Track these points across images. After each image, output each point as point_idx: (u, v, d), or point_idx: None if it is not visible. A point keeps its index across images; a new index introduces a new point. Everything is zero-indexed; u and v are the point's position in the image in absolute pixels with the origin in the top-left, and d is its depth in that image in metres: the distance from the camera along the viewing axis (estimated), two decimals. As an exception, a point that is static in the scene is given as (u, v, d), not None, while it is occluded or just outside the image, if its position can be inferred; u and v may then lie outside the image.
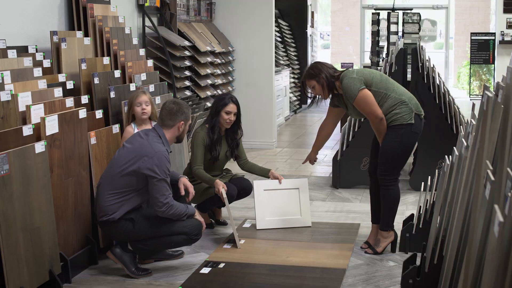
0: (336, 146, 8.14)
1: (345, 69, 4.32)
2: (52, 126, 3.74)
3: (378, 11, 12.79)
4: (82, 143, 4.08)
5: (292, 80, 11.73)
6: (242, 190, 4.83)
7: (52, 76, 4.52)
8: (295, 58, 12.24)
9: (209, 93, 7.54)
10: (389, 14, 11.95)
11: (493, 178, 1.85)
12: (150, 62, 5.61)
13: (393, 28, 11.76)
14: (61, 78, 4.53)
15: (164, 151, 3.84)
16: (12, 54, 4.20)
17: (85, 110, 4.11)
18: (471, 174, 2.54)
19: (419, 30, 11.85)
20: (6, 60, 4.11)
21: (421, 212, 4.38)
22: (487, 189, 1.87)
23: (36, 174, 3.51)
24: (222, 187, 4.47)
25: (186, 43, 7.13)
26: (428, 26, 17.39)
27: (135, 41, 5.63)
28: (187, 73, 7.15)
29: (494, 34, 14.23)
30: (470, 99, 14.22)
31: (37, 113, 3.76)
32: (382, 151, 4.21)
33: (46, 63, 4.62)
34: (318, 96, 4.33)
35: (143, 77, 5.28)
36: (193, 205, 4.71)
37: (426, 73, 5.95)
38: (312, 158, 4.66)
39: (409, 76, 6.63)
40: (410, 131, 4.16)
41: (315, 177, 6.74)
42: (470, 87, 14.80)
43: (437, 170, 5.00)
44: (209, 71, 7.58)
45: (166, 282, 3.89)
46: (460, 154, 3.10)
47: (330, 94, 4.29)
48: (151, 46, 6.70)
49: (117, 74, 4.95)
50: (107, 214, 3.83)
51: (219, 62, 7.97)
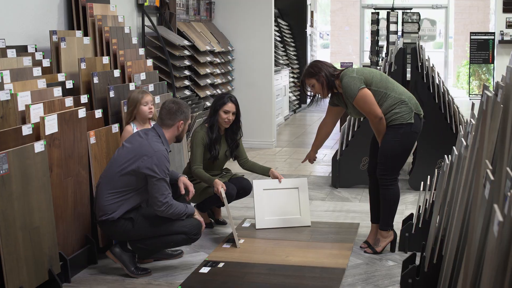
0: (335, 146, 8.14)
1: (344, 68, 4.32)
2: (51, 125, 3.74)
3: (377, 11, 12.80)
4: (82, 143, 4.08)
5: (291, 79, 11.73)
6: (241, 189, 4.82)
7: (51, 75, 4.52)
8: (295, 57, 12.24)
9: (208, 92, 7.54)
10: (388, 14, 11.96)
11: (492, 178, 1.85)
12: (149, 62, 5.61)
13: (392, 27, 11.77)
14: (60, 77, 4.53)
15: (163, 151, 3.84)
16: (11, 53, 4.20)
17: (84, 109, 4.11)
18: (471, 173, 2.54)
19: (419, 29, 11.86)
20: (5, 59, 4.10)
21: (420, 211, 4.38)
22: (487, 188, 1.87)
23: (35, 174, 3.50)
24: (221, 187, 4.47)
25: (186, 43, 7.12)
26: (427, 26, 17.40)
27: (135, 40, 5.63)
28: (187, 72, 7.15)
29: (494, 33, 14.23)
30: (470, 99, 14.22)
31: (36, 112, 3.76)
32: (381, 151, 4.21)
33: (46, 63, 4.62)
34: (317, 95, 4.33)
35: (143, 76, 5.28)
36: (192, 204, 4.72)
37: (425, 72, 5.95)
38: (311, 157, 4.66)
39: (408, 75, 6.63)
40: (410, 131, 4.15)
41: (315, 176, 6.74)
42: (469, 87, 14.81)
43: (436, 170, 5.00)
44: (208, 71, 7.58)
45: (165, 282, 3.89)
46: (459, 154, 3.10)
47: (330, 93, 4.29)
48: (151, 45, 6.70)
49: (116, 73, 4.95)
50: (107, 213, 3.83)
51: (219, 61, 7.97)
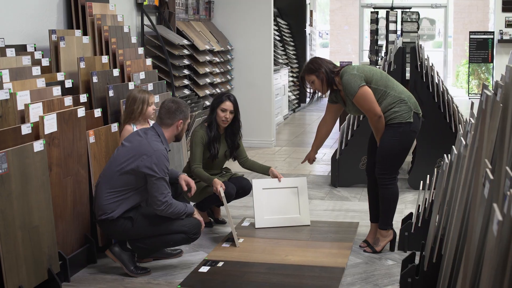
0: (335, 145, 8.14)
1: (345, 65, 4.31)
2: (50, 124, 3.74)
3: (377, 10, 12.81)
4: (81, 142, 4.08)
5: (290, 79, 11.72)
6: (241, 189, 4.82)
7: (50, 74, 4.52)
8: (294, 57, 12.23)
9: (207, 92, 7.54)
10: (388, 13, 11.97)
11: (492, 177, 1.85)
12: (148, 61, 5.60)
13: (392, 27, 11.78)
14: (59, 76, 4.53)
15: (162, 150, 3.84)
16: (10, 52, 4.20)
17: (83, 108, 4.11)
18: (470, 172, 2.54)
19: (418, 29, 11.87)
20: (4, 58, 4.10)
21: (420, 210, 4.37)
22: (486, 187, 1.87)
23: (34, 173, 3.50)
24: (220, 186, 4.47)
25: (185, 42, 7.12)
26: (427, 25, 17.40)
27: (134, 39, 5.63)
28: (186, 71, 7.15)
29: (493, 33, 14.23)
30: (469, 98, 14.23)
31: (35, 111, 3.76)
32: (380, 150, 4.20)
33: (45, 62, 4.62)
34: (317, 91, 4.31)
35: (142, 75, 5.28)
36: (192, 204, 4.72)
37: (425, 72, 5.94)
38: (311, 157, 4.63)
39: (408, 74, 6.63)
40: (409, 130, 4.15)
41: (314, 175, 6.74)
42: (468, 86, 14.81)
43: (436, 169, 5.00)
44: (207, 70, 7.57)
45: (165, 281, 3.89)
46: (459, 153, 3.10)
47: (329, 90, 4.28)
48: (150, 44, 6.70)
49: (115, 73, 4.95)
50: (106, 212, 3.83)
51: (218, 61, 7.97)
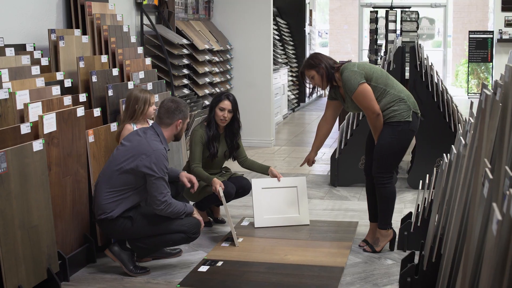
0: (334, 144, 8.14)
1: (346, 61, 4.29)
2: (50, 124, 3.74)
3: (376, 9, 12.81)
4: (80, 141, 4.08)
5: (290, 78, 11.72)
6: (241, 188, 4.82)
7: (50, 74, 4.52)
8: (293, 56, 12.23)
9: (207, 91, 7.54)
10: (387, 12, 11.97)
11: (491, 176, 1.85)
12: (148, 60, 5.60)
13: (391, 26, 11.78)
14: (59, 76, 4.53)
15: (162, 149, 3.84)
16: (10, 52, 4.19)
17: (83, 108, 4.11)
18: (469, 172, 2.54)
19: (417, 28, 11.87)
20: (4, 58, 4.10)
21: (419, 210, 4.37)
22: (485, 187, 1.87)
23: (34, 172, 3.50)
24: (219, 185, 4.47)
25: (184, 41, 7.12)
26: (426, 24, 17.40)
27: (133, 39, 5.63)
28: (185, 71, 7.15)
29: (492, 32, 14.23)
30: (468, 97, 14.23)
31: (35, 111, 3.76)
32: (378, 148, 4.19)
33: (44, 61, 4.61)
34: (316, 86, 4.30)
35: (141, 75, 5.28)
36: (191, 203, 4.71)
37: (424, 71, 5.94)
38: (311, 158, 4.56)
39: (407, 74, 6.63)
40: (408, 129, 4.15)
41: (313, 175, 6.74)
42: (468, 85, 14.81)
43: (435, 168, 5.00)
44: (207, 69, 7.57)
45: (164, 280, 3.89)
46: (458, 152, 3.10)
47: (329, 85, 4.26)
48: (149, 44, 6.70)
49: (115, 72, 4.95)
50: (105, 212, 3.83)
51: (217, 60, 7.96)
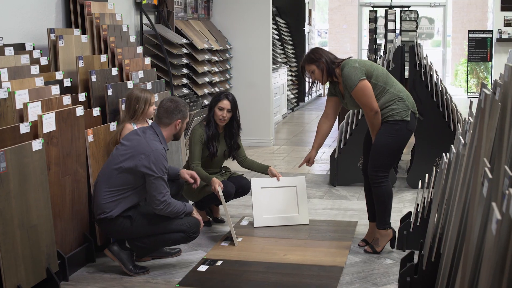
0: (333, 144, 8.14)
1: (347, 57, 4.28)
2: (49, 123, 3.74)
3: (375, 9, 12.80)
4: (80, 141, 4.07)
5: (289, 77, 11.72)
6: (240, 188, 4.82)
7: (49, 73, 4.52)
8: (293, 55, 12.23)
9: (206, 90, 7.54)
10: (386, 12, 11.97)
11: (490, 176, 1.85)
12: (147, 60, 5.60)
13: (390, 25, 11.77)
14: (58, 75, 4.53)
15: (160, 149, 3.83)
16: (9, 51, 4.19)
17: (82, 107, 4.11)
18: (469, 171, 2.54)
19: (417, 27, 11.87)
20: (3, 57, 4.10)
21: (418, 209, 4.37)
22: (485, 186, 1.87)
23: (33, 172, 3.50)
24: (218, 185, 4.47)
25: (184, 41, 7.12)
26: (425, 24, 17.39)
27: (133, 38, 5.63)
28: (185, 70, 7.15)
29: (492, 32, 14.23)
30: (468, 97, 14.23)
31: (34, 110, 3.75)
32: (374, 146, 4.18)
33: (43, 61, 4.61)
34: (316, 81, 4.29)
35: (141, 74, 5.27)
36: (190, 203, 4.71)
37: (423, 71, 5.94)
38: (312, 157, 4.48)
39: (406, 73, 6.63)
40: (405, 128, 4.14)
41: (313, 174, 6.74)
42: (467, 85, 14.81)
43: (434, 168, 5.00)
44: (206, 69, 7.57)
45: (163, 280, 3.89)
46: (457, 152, 3.10)
47: (329, 80, 4.24)
48: (149, 43, 6.70)
49: (114, 71, 4.95)
50: (105, 211, 3.83)
51: (217, 59, 7.96)
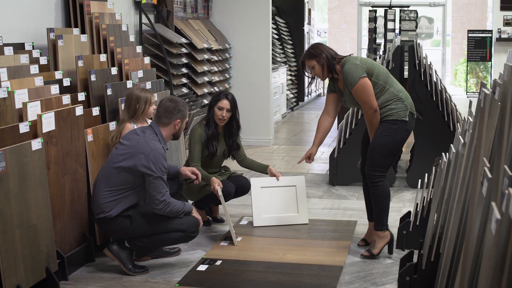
0: (333, 144, 8.15)
1: (348, 54, 4.27)
2: (48, 123, 3.74)
3: (375, 9, 12.80)
4: (79, 140, 4.07)
5: (289, 77, 11.72)
6: (240, 188, 4.82)
7: (48, 73, 4.52)
8: (292, 55, 12.23)
9: (206, 90, 7.54)
10: (386, 12, 11.97)
11: (490, 176, 1.85)
12: (147, 59, 5.60)
13: (390, 25, 11.78)
14: (57, 75, 4.52)
15: (160, 149, 3.83)
16: (8, 51, 4.19)
17: (81, 107, 4.11)
18: (468, 171, 2.54)
19: (416, 27, 11.87)
20: (2, 57, 4.10)
21: (418, 209, 4.37)
22: (484, 186, 1.87)
23: (32, 172, 3.50)
24: (217, 185, 4.46)
25: (183, 40, 7.11)
26: (425, 24, 17.40)
27: (132, 38, 5.63)
28: (184, 70, 7.15)
29: (491, 31, 14.24)
30: (467, 97, 14.24)
31: (33, 110, 3.75)
32: (372, 145, 4.17)
33: (43, 60, 4.61)
34: (316, 77, 4.27)
35: (140, 74, 5.27)
36: (190, 202, 4.71)
37: (423, 70, 5.94)
38: (313, 153, 4.41)
39: (406, 73, 6.63)
40: (403, 128, 4.14)
41: (312, 174, 6.74)
42: (467, 85, 14.82)
43: (434, 167, 5.00)
44: (206, 68, 7.57)
45: (163, 280, 3.89)
46: (457, 151, 3.10)
47: (329, 76, 4.23)
48: (148, 43, 6.69)
49: (114, 71, 4.95)
50: (104, 211, 3.83)
51: (216, 59, 7.96)
